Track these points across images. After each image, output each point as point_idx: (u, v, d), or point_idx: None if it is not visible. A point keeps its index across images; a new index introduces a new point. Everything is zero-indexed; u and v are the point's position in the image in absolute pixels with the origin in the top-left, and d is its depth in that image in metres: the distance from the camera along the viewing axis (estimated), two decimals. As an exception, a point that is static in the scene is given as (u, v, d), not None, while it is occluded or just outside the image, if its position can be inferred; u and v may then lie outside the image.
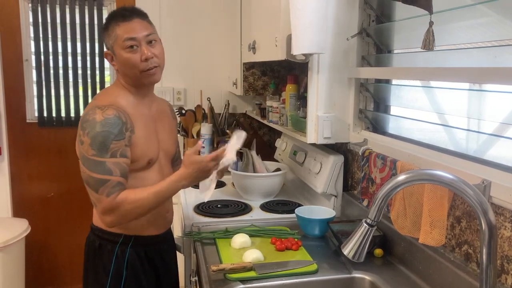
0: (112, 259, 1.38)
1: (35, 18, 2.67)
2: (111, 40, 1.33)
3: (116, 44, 1.32)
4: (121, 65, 1.35)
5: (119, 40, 1.31)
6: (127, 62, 1.32)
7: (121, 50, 1.32)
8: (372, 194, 1.46)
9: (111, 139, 1.26)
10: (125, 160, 1.29)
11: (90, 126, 1.26)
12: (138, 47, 1.32)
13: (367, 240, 0.94)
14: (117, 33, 1.32)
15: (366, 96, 1.64)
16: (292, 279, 1.24)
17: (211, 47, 2.89)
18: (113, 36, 1.32)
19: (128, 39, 1.30)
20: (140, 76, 1.34)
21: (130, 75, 1.35)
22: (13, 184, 2.81)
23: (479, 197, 0.88)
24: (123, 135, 1.28)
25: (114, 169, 1.26)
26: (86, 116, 1.28)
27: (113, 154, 1.26)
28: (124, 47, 1.31)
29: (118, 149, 1.27)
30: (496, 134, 1.11)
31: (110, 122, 1.26)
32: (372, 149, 1.50)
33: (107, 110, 1.28)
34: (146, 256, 1.44)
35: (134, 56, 1.32)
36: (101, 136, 1.25)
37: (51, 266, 2.92)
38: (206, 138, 2.53)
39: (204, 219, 1.73)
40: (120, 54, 1.33)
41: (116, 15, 1.34)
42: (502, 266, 1.00)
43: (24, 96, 2.76)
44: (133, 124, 1.33)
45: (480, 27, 1.13)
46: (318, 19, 1.41)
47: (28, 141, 2.80)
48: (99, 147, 1.25)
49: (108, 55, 1.38)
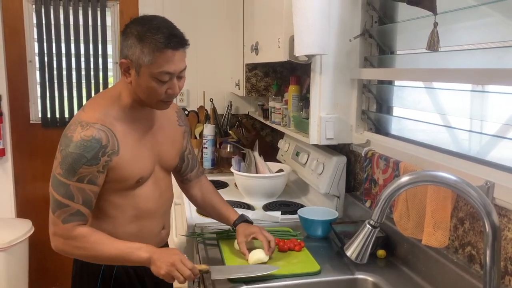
0: (98, 276, 1.30)
1: (39, 20, 2.68)
2: (141, 59, 1.14)
3: (147, 68, 1.15)
4: (139, 87, 1.19)
5: (154, 68, 1.14)
6: (150, 91, 1.18)
7: (150, 77, 1.16)
8: (374, 195, 1.46)
9: (82, 163, 1.15)
10: (92, 187, 1.19)
11: (65, 143, 1.17)
12: (168, 81, 1.18)
13: (370, 241, 0.94)
14: (155, 59, 1.13)
15: (368, 97, 1.64)
16: (295, 280, 1.24)
17: (214, 48, 2.89)
18: (148, 59, 1.14)
19: (166, 73, 1.15)
20: (154, 103, 1.23)
21: (143, 98, 1.21)
22: (16, 185, 2.82)
23: (482, 198, 0.88)
24: (97, 160, 1.16)
25: (76, 195, 1.17)
26: (66, 131, 1.19)
27: (80, 179, 1.16)
28: (156, 76, 1.16)
29: (87, 174, 1.16)
30: (499, 135, 1.11)
31: (86, 144, 1.15)
32: (375, 150, 1.50)
33: (87, 130, 1.16)
34: (135, 274, 1.34)
35: (161, 88, 1.18)
36: (71, 158, 1.15)
37: (54, 266, 2.93)
38: (208, 139, 2.54)
39: (207, 220, 1.73)
40: (146, 80, 1.17)
41: (162, 36, 1.13)
42: (506, 267, 1.00)
43: (27, 97, 2.77)
44: (119, 145, 1.21)
45: (483, 28, 1.12)
46: (321, 20, 1.41)
47: (32, 142, 2.81)
48: (67, 168, 1.15)
49: (125, 65, 1.18)
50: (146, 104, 1.25)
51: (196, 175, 1.55)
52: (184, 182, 1.54)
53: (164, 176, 1.39)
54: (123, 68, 1.20)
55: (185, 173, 1.53)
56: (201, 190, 1.54)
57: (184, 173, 1.53)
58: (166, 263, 1.15)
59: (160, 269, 1.15)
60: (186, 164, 1.51)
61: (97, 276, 1.30)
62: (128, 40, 1.16)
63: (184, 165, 1.51)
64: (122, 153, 1.22)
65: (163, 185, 1.38)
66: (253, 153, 2.09)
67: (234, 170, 2.02)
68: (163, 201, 1.39)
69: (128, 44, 1.16)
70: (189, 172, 1.53)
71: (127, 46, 1.17)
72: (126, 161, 1.23)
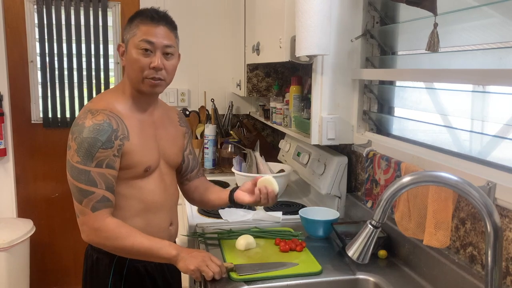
0: (110, 274, 1.31)
1: (40, 20, 2.68)
2: (129, 34, 1.27)
3: (131, 41, 1.26)
4: (127, 63, 1.29)
5: (136, 38, 1.25)
6: (134, 63, 1.25)
7: (134, 49, 1.25)
8: (376, 195, 1.46)
9: (98, 147, 1.19)
10: (111, 171, 1.22)
11: (78, 130, 1.20)
12: (152, 53, 1.25)
13: (371, 242, 0.94)
14: (137, 30, 1.25)
15: (370, 98, 1.64)
16: (296, 280, 1.24)
17: (215, 48, 2.89)
18: (133, 32, 1.26)
19: (146, 41, 1.24)
20: (141, 82, 1.27)
21: (132, 77, 1.28)
22: (18, 185, 2.82)
23: (484, 198, 0.88)
24: (111, 143, 1.21)
25: (98, 181, 1.20)
26: (77, 120, 1.24)
27: (99, 164, 1.20)
28: (139, 47, 1.24)
29: (104, 158, 1.20)
30: (501, 135, 1.11)
31: (99, 128, 1.20)
32: (376, 150, 1.50)
33: (97, 116, 1.22)
34: (146, 271, 1.36)
35: (144, 59, 1.25)
36: (87, 142, 1.19)
37: (55, 266, 2.94)
38: (209, 139, 2.54)
39: (208, 220, 1.73)
40: (131, 52, 1.26)
41: (146, 13, 1.27)
42: (507, 268, 1.00)
43: (29, 97, 2.78)
44: (128, 131, 1.26)
45: (484, 28, 1.12)
46: (322, 20, 1.41)
47: (33, 141, 2.82)
48: (84, 154, 1.19)
49: (120, 47, 1.31)
50: (137, 87, 1.29)
51: (196, 176, 1.57)
52: (184, 183, 1.56)
53: (168, 172, 1.42)
54: (119, 52, 1.32)
55: (186, 174, 1.54)
56: (200, 189, 1.56)
57: (185, 174, 1.54)
58: (196, 259, 1.19)
59: (189, 264, 1.19)
60: (186, 165, 1.53)
61: (108, 273, 1.32)
62: (125, 27, 1.30)
63: (184, 165, 1.53)
64: (131, 139, 1.27)
65: (168, 180, 1.41)
66: (254, 154, 2.09)
67: (235, 170, 2.02)
68: (169, 195, 1.41)
69: (124, 30, 1.31)
70: (190, 172, 1.55)
71: (123, 32, 1.31)
72: (136, 147, 1.27)
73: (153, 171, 1.34)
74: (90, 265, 1.36)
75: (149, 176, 1.33)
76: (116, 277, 1.32)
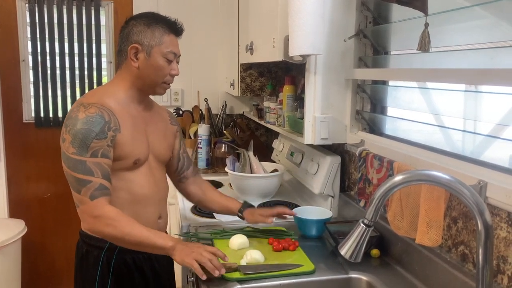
0: (98, 266, 1.34)
1: (32, 19, 2.66)
2: (152, 40, 1.33)
3: (158, 49, 1.33)
4: (148, 67, 1.34)
5: (163, 47, 1.34)
6: (159, 69, 1.34)
7: (160, 56, 1.34)
8: (369, 194, 1.46)
9: (92, 137, 1.23)
10: (107, 161, 1.26)
11: (71, 123, 1.25)
12: (172, 62, 1.37)
13: (364, 241, 0.95)
14: (164, 40, 1.34)
15: (363, 97, 1.64)
16: (289, 279, 1.24)
17: (208, 48, 2.89)
18: (158, 40, 1.33)
19: (172, 53, 1.35)
20: (159, 85, 1.37)
21: (151, 79, 1.35)
22: (9, 185, 2.80)
23: (475, 197, 0.88)
24: (104, 134, 1.25)
25: (95, 170, 1.23)
26: (70, 113, 1.27)
27: (94, 154, 1.24)
28: (166, 56, 1.34)
29: (99, 148, 1.24)
30: (492, 135, 1.12)
31: (92, 120, 1.24)
32: (369, 150, 1.50)
33: (90, 108, 1.26)
34: (134, 263, 1.38)
35: (167, 67, 1.36)
36: (81, 133, 1.23)
37: (47, 267, 2.91)
38: (203, 139, 2.53)
39: (201, 220, 1.73)
40: (156, 58, 1.34)
41: (167, 23, 1.37)
42: (498, 266, 1.01)
43: (21, 96, 2.75)
44: (119, 123, 1.30)
45: (476, 28, 1.13)
46: (315, 20, 1.41)
47: (25, 141, 2.79)
48: (79, 145, 1.23)
49: (135, 49, 1.33)
50: (147, 89, 1.38)
51: (193, 173, 1.62)
52: (182, 181, 1.61)
53: (158, 166, 1.46)
54: (133, 53, 1.34)
55: (182, 171, 1.59)
56: (201, 187, 1.63)
57: (181, 171, 1.59)
58: (192, 249, 1.21)
59: (185, 256, 1.20)
60: (182, 163, 1.59)
61: (97, 265, 1.34)
62: (137, 28, 1.34)
63: (180, 163, 1.58)
64: (123, 131, 1.31)
65: (157, 175, 1.45)
66: (247, 153, 2.09)
67: (228, 170, 2.02)
68: (158, 189, 1.44)
69: (137, 31, 1.33)
70: (186, 169, 1.60)
71: (136, 33, 1.33)
72: (127, 140, 1.32)
73: (142, 164, 1.38)
74: (80, 258, 1.38)
75: (138, 168, 1.37)
76: (104, 270, 1.34)
